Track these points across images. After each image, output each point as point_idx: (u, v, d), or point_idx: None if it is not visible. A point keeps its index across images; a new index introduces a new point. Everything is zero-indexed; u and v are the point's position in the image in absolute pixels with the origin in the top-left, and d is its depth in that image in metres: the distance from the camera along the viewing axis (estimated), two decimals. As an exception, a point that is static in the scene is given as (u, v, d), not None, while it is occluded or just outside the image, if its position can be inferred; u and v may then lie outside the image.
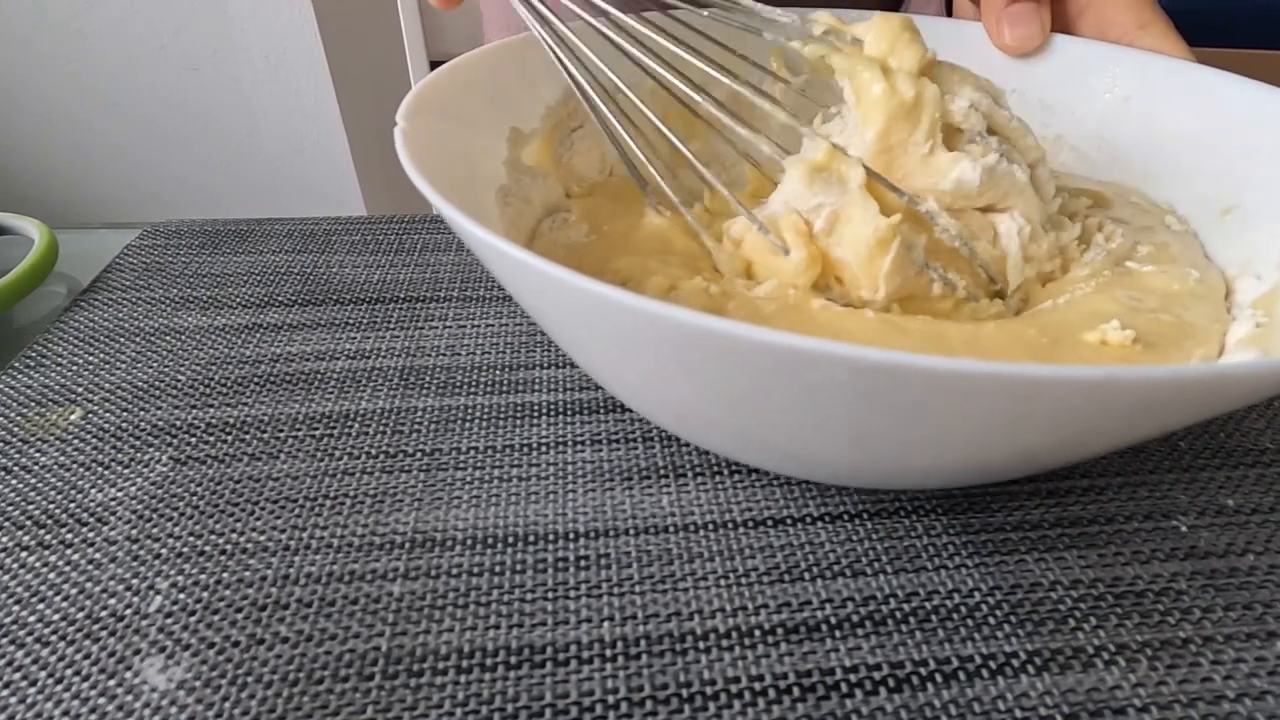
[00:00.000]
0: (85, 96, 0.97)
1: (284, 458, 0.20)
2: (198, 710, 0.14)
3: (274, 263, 0.29)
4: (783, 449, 0.16)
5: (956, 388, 0.11)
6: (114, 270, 0.28)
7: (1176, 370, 0.11)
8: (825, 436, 0.15)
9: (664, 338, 0.13)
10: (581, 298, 0.13)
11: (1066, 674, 0.15)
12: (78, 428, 0.21)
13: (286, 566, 0.17)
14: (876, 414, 0.13)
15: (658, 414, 0.18)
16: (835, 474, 0.18)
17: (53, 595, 0.16)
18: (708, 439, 0.18)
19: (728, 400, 0.14)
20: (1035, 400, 0.12)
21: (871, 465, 0.16)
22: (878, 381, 0.12)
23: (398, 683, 0.15)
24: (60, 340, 0.25)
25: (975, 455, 0.14)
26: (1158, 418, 0.13)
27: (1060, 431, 0.13)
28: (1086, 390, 0.11)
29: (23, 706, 0.14)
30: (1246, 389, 0.12)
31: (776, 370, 0.12)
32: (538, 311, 0.16)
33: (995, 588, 0.17)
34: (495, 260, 0.15)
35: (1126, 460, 0.20)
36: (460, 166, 0.21)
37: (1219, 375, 0.11)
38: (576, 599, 0.16)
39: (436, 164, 0.18)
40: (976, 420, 0.12)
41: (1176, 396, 0.12)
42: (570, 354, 0.18)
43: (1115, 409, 0.12)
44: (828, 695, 0.15)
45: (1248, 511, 0.19)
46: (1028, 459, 0.15)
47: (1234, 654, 0.15)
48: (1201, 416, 0.14)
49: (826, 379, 0.12)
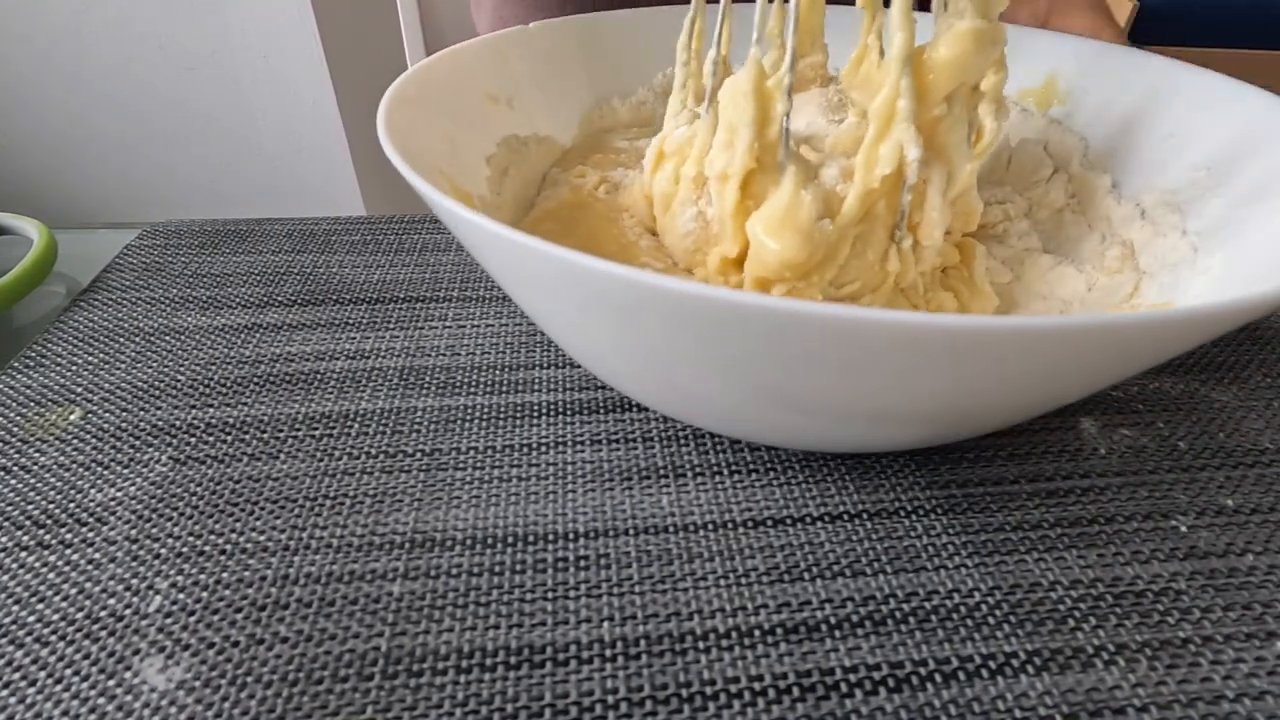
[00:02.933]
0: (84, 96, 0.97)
1: (284, 458, 0.20)
2: (197, 710, 0.14)
3: (273, 263, 0.29)
4: (700, 397, 0.17)
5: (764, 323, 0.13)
6: (113, 270, 0.28)
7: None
8: (724, 382, 0.16)
9: (586, 287, 0.14)
10: (501, 243, 0.14)
11: (1066, 674, 0.15)
12: (77, 428, 0.21)
13: (286, 567, 0.17)
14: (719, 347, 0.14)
15: (596, 368, 0.19)
16: (742, 422, 0.18)
17: (52, 595, 0.16)
18: (643, 394, 0.19)
19: (641, 349, 0.16)
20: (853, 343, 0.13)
21: (767, 415, 0.17)
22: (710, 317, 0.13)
23: (397, 683, 0.15)
24: (60, 340, 0.25)
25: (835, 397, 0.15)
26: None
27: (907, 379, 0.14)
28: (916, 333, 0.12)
29: (22, 706, 0.14)
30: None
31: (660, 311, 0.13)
32: (485, 264, 0.18)
33: (995, 588, 0.17)
34: (443, 217, 0.16)
35: (1126, 460, 0.20)
36: (440, 143, 0.22)
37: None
38: (576, 599, 0.16)
39: (412, 136, 0.20)
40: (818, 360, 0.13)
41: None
42: (524, 309, 0.19)
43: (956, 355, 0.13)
44: (827, 695, 0.15)
45: (1247, 511, 0.19)
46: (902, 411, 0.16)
47: (1233, 654, 0.15)
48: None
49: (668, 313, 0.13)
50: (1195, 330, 0.13)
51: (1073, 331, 0.12)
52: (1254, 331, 0.25)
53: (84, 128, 0.99)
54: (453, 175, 0.22)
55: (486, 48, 0.27)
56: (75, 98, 0.97)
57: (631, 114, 0.32)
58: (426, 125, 0.22)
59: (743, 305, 0.12)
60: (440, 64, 0.24)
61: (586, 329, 0.16)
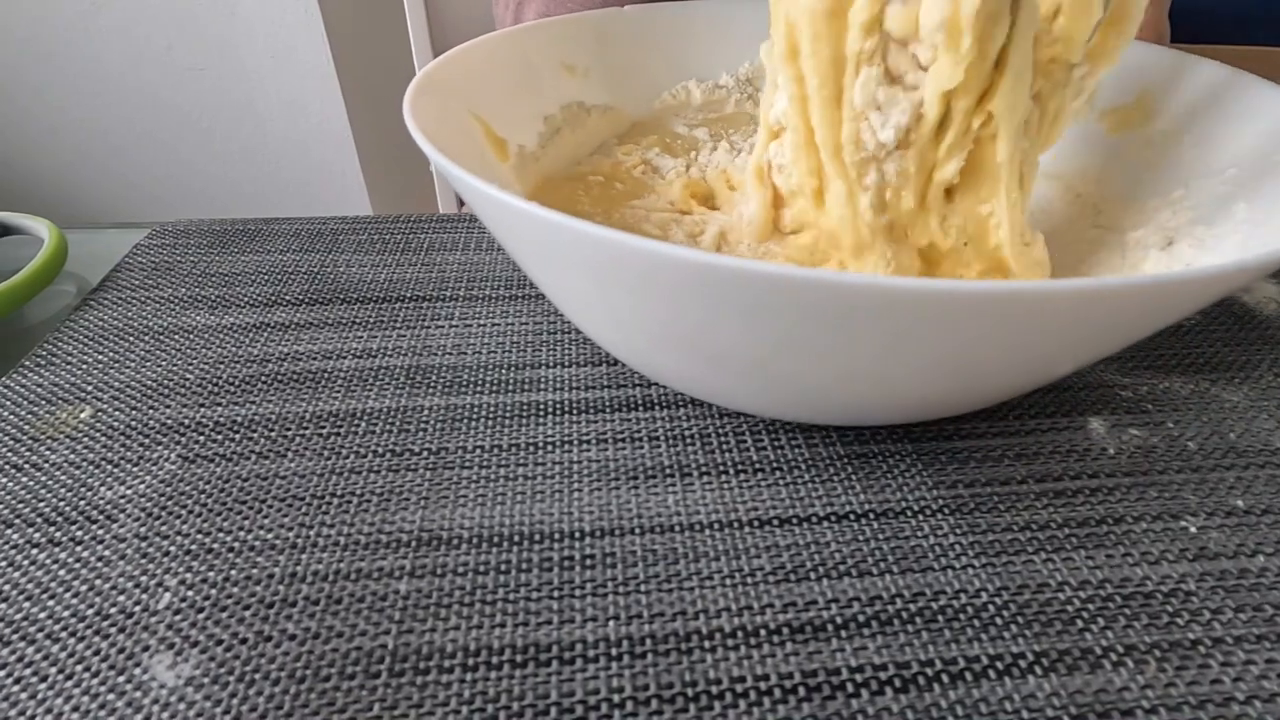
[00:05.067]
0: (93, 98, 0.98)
1: (291, 456, 0.20)
2: (206, 706, 0.14)
3: (281, 262, 0.29)
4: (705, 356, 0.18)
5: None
6: (123, 270, 0.29)
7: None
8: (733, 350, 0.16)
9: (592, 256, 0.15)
10: (502, 211, 0.15)
11: (1074, 675, 0.15)
12: (87, 426, 0.21)
13: (294, 564, 0.17)
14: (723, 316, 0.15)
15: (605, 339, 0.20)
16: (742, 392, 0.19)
17: (63, 592, 0.16)
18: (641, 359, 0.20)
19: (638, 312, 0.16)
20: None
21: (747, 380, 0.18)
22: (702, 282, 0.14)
23: (404, 680, 0.15)
24: (70, 339, 0.25)
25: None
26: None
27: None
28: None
29: (34, 702, 0.14)
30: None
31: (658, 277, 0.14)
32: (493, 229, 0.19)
33: (1002, 588, 0.17)
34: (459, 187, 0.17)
35: (1135, 461, 0.20)
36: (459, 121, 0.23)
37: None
38: (582, 598, 0.16)
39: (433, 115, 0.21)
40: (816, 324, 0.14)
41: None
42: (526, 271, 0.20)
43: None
44: (833, 695, 0.15)
45: (1258, 512, 0.18)
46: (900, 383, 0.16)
47: (1244, 656, 0.15)
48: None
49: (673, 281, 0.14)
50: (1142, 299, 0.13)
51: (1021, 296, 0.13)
52: (1265, 330, 0.25)
53: (93, 129, 1.00)
54: (491, 120, 0.24)
55: (572, 24, 0.28)
56: (84, 99, 0.97)
57: (705, 97, 0.32)
58: (483, 77, 0.24)
59: (717, 268, 0.13)
60: (523, 33, 0.26)
61: (565, 280, 0.17)
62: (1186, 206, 0.22)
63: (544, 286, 0.19)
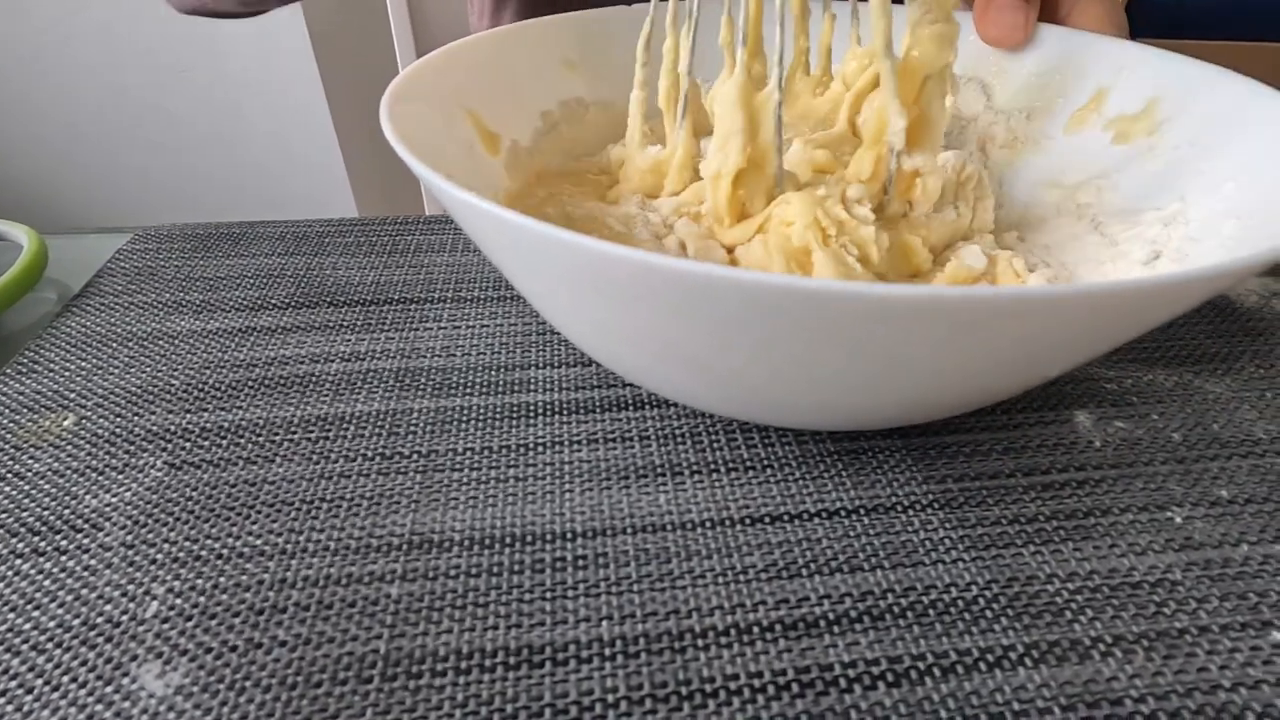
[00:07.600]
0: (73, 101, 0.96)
1: (279, 461, 0.20)
2: (196, 716, 0.14)
3: (266, 265, 0.29)
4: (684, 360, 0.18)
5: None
6: (105, 275, 0.28)
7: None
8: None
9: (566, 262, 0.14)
10: (470, 211, 0.15)
11: (1063, 666, 0.15)
12: (71, 433, 0.21)
13: (283, 570, 0.17)
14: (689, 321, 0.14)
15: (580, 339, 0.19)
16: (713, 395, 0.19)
17: (48, 602, 0.16)
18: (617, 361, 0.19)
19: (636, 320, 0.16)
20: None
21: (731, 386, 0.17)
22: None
23: (396, 685, 0.15)
24: (52, 346, 0.24)
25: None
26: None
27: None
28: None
29: (19, 715, 0.14)
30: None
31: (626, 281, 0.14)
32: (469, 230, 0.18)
33: (992, 581, 0.17)
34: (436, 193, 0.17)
35: (1121, 453, 0.20)
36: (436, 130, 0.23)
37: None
38: (575, 599, 0.16)
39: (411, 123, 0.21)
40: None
41: None
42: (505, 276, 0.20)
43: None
44: (826, 691, 0.15)
45: (1241, 502, 0.19)
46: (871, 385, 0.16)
47: (1229, 644, 0.15)
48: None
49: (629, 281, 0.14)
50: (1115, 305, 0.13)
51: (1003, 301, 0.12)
52: (1246, 323, 0.25)
53: (73, 132, 0.99)
54: (482, 114, 0.24)
55: (574, 21, 0.28)
56: (64, 102, 0.96)
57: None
58: (481, 73, 0.24)
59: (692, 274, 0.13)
60: (524, 29, 0.27)
61: (536, 277, 0.17)
62: (1180, 221, 0.22)
63: (513, 284, 0.19)
